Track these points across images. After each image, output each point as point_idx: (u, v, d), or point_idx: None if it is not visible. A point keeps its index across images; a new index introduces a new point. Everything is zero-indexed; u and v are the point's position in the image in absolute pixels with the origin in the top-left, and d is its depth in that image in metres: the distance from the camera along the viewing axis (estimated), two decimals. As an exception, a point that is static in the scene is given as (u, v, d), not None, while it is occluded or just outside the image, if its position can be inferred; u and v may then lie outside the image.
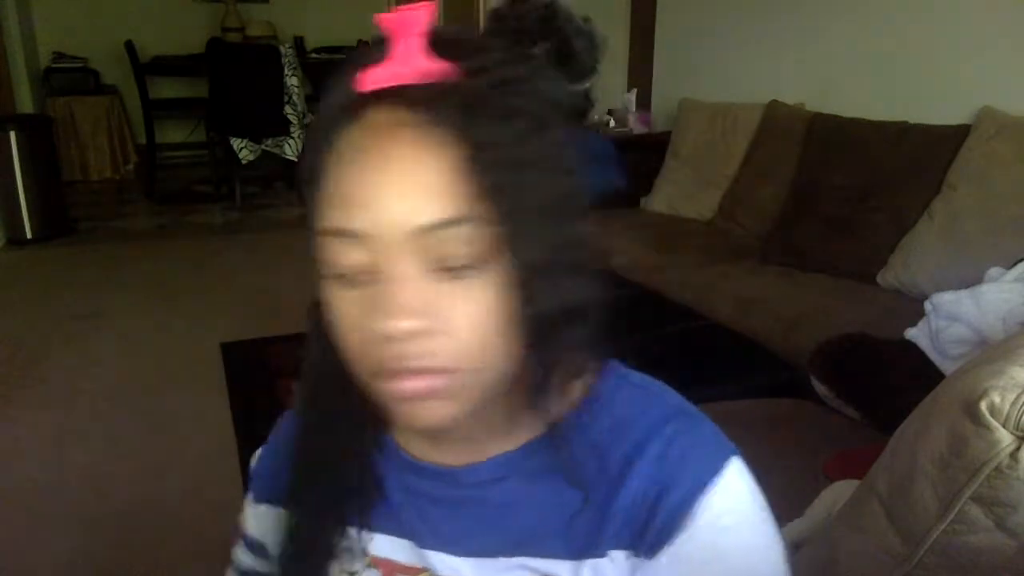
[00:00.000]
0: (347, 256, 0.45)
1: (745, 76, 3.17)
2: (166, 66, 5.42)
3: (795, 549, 0.94)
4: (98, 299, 3.43)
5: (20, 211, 4.12)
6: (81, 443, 2.31)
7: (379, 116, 0.45)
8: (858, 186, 2.43)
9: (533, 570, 0.53)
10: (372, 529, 0.59)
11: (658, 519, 0.50)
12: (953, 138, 2.26)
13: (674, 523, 0.49)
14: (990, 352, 0.76)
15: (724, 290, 2.33)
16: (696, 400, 0.56)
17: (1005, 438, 0.64)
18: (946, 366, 1.48)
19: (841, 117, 2.64)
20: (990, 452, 0.64)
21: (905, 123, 2.42)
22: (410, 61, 0.45)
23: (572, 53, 0.50)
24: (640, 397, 0.55)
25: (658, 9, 3.69)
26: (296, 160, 4.95)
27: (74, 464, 2.20)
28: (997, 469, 0.64)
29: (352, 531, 0.59)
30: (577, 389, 0.55)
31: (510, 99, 0.45)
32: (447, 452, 0.56)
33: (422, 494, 0.58)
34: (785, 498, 0.68)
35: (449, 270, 0.44)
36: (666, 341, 1.95)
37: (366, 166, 0.44)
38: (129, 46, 4.83)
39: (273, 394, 2.63)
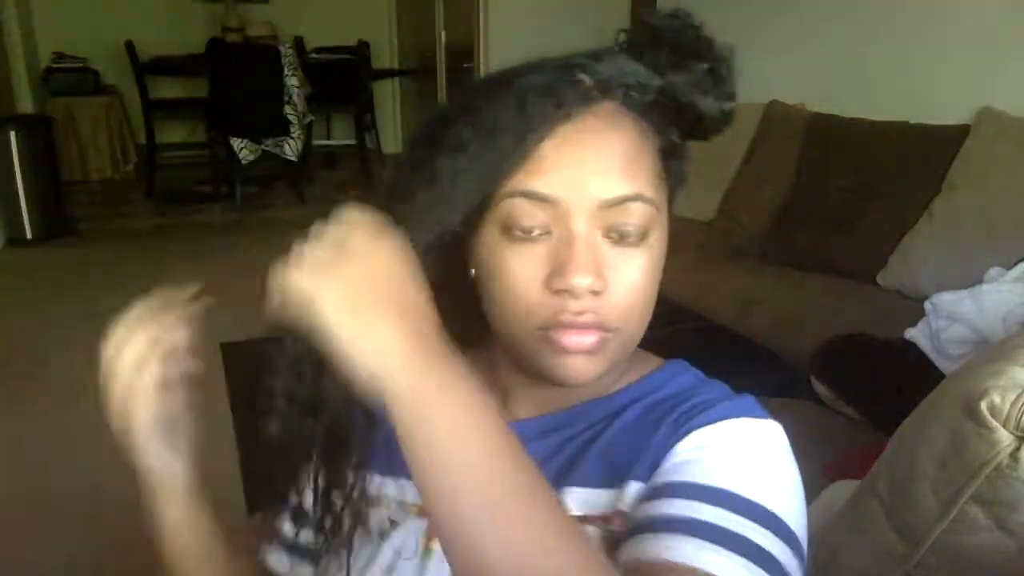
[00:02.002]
0: (533, 216, 0.52)
1: (745, 76, 3.16)
2: (166, 66, 5.41)
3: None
4: (98, 299, 3.42)
5: (20, 211, 4.12)
6: (81, 443, 2.31)
7: (602, 107, 0.53)
8: (858, 186, 2.43)
9: (580, 501, 0.55)
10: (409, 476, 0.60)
11: (671, 452, 0.53)
12: (953, 138, 2.25)
13: (681, 437, 0.53)
14: (990, 352, 0.76)
15: (724, 290, 2.33)
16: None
17: (1005, 438, 0.64)
18: (946, 366, 1.48)
19: (841, 117, 2.64)
20: (990, 452, 0.64)
21: (905, 123, 2.42)
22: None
23: (724, 77, 0.55)
24: (700, 381, 0.61)
25: (657, 8, 3.69)
26: (296, 160, 4.97)
27: (74, 464, 2.20)
28: (997, 469, 0.64)
29: (373, 476, 0.61)
30: (646, 366, 0.62)
31: (696, 108, 0.55)
32: (518, 405, 0.61)
33: None
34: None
35: (620, 239, 0.52)
36: (666, 341, 1.95)
37: (576, 145, 0.52)
38: (129, 46, 4.83)
39: (273, 394, 2.63)
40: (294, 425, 0.59)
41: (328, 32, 6.11)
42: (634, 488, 0.54)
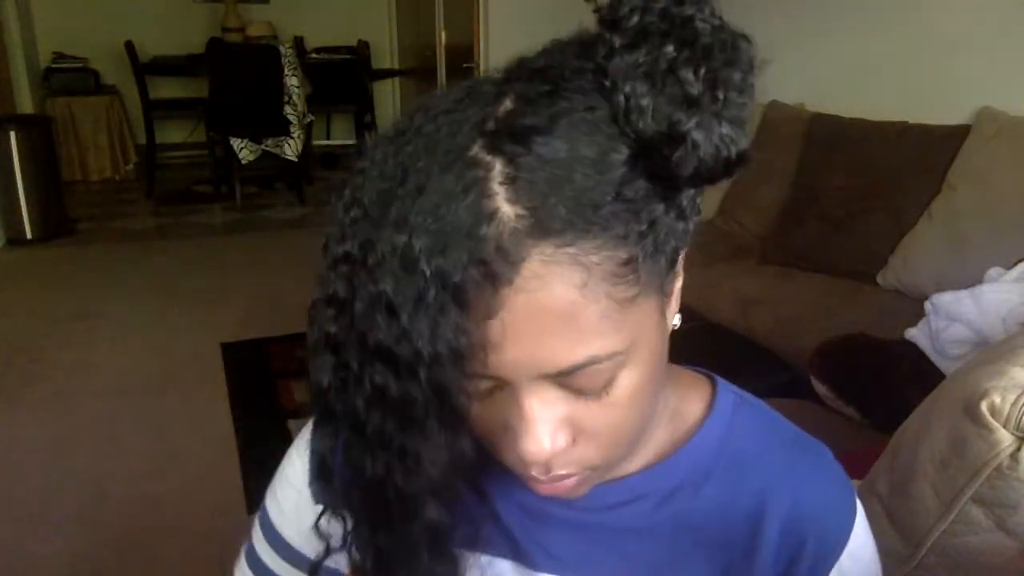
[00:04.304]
0: (476, 384, 0.41)
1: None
2: (166, 66, 5.41)
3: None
4: (98, 299, 3.43)
5: (20, 211, 4.12)
6: (81, 443, 2.31)
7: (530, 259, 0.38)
8: (858, 186, 2.43)
9: None
10: (475, 549, 0.54)
11: (803, 567, 0.50)
12: (953, 138, 2.25)
13: (820, 570, 0.50)
14: (990, 352, 0.76)
15: (724, 290, 2.33)
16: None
17: (1005, 439, 0.64)
18: (946, 366, 1.48)
19: (841, 117, 2.64)
20: (990, 453, 0.64)
21: (905, 123, 2.41)
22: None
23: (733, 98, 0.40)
24: (759, 423, 0.54)
25: None
26: (296, 160, 4.97)
27: (74, 464, 2.20)
28: (997, 470, 0.64)
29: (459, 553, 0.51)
30: (696, 404, 0.54)
31: (684, 164, 0.39)
32: None
33: (535, 513, 0.53)
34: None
35: (588, 393, 0.41)
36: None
37: (500, 321, 0.38)
38: (129, 46, 4.82)
39: (273, 394, 2.63)
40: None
41: (328, 32, 6.11)
42: None
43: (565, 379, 0.40)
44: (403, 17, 6.40)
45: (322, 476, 0.48)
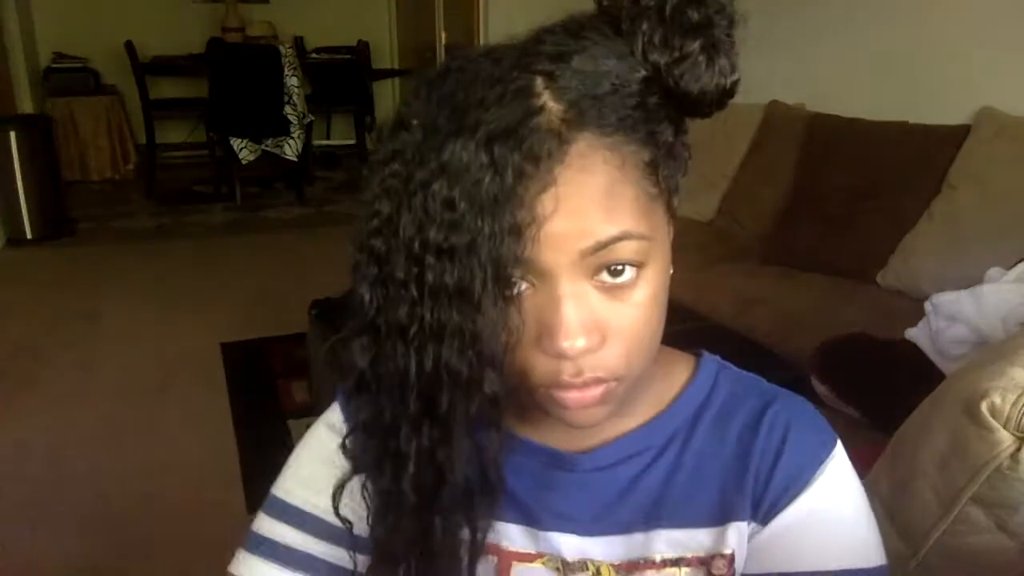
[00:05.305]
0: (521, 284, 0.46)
1: (745, 76, 3.16)
2: (166, 66, 5.41)
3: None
4: (98, 299, 3.43)
5: (20, 211, 4.12)
6: (81, 443, 2.31)
7: (573, 147, 0.45)
8: (858, 186, 2.43)
9: (673, 541, 0.54)
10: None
11: (771, 493, 0.53)
12: (953, 138, 2.25)
13: (784, 499, 0.52)
14: (990, 352, 0.76)
15: (724, 290, 2.33)
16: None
17: (1006, 439, 0.64)
18: (946, 366, 1.48)
19: (841, 117, 2.64)
20: (991, 453, 0.64)
21: (905, 123, 2.41)
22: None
23: (723, 47, 0.48)
24: (742, 379, 0.59)
25: None
26: (296, 160, 4.97)
27: (74, 464, 2.20)
28: (998, 470, 0.64)
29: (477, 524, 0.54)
30: (682, 369, 0.60)
31: (689, 94, 0.48)
32: (569, 436, 0.56)
33: (539, 476, 0.57)
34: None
35: (611, 283, 0.46)
36: (666, 341, 1.95)
37: (548, 198, 0.44)
38: (129, 46, 4.83)
39: (273, 394, 2.63)
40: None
41: (328, 32, 6.11)
42: (738, 529, 0.53)
43: (600, 258, 0.45)
44: (403, 17, 6.40)
45: (361, 388, 0.51)
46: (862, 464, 0.89)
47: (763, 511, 0.53)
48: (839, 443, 0.55)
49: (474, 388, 0.46)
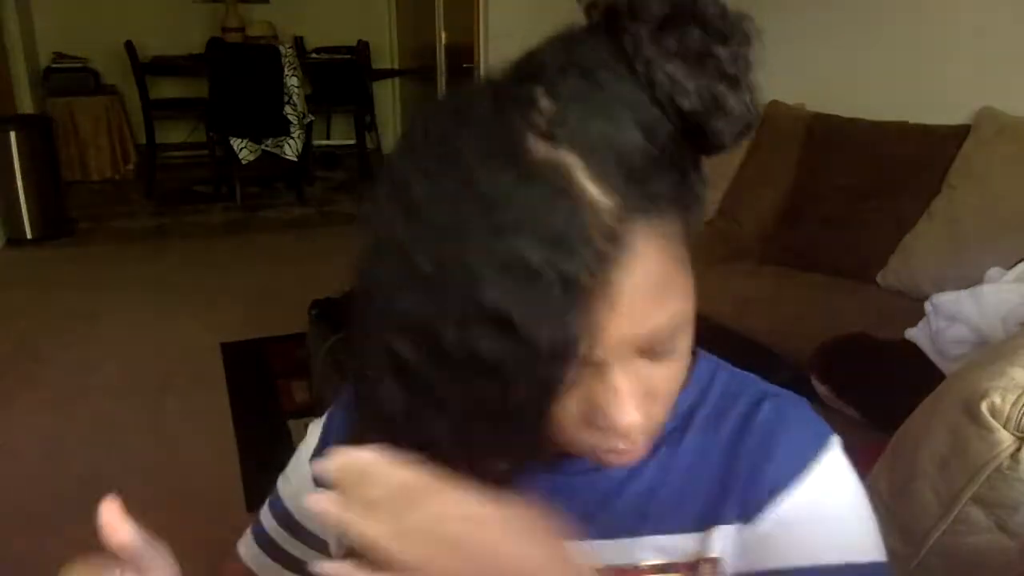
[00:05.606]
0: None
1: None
2: (166, 66, 5.41)
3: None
4: (98, 299, 3.43)
5: (20, 211, 4.12)
6: (81, 443, 2.31)
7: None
8: (858, 186, 2.43)
9: (659, 548, 0.53)
10: None
11: (760, 492, 0.51)
12: (953, 138, 2.25)
13: (774, 496, 0.51)
14: (990, 352, 0.76)
15: (724, 290, 2.33)
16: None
17: (1006, 439, 0.64)
18: (946, 366, 1.48)
19: (841, 117, 2.64)
20: (991, 453, 0.64)
21: (905, 123, 2.41)
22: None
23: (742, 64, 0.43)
24: (737, 378, 0.58)
25: None
26: (296, 160, 4.97)
27: (74, 464, 2.20)
28: (998, 470, 0.64)
29: None
30: None
31: (706, 127, 0.42)
32: None
33: (523, 478, 0.55)
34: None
35: (659, 353, 0.44)
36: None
37: (597, 301, 0.39)
38: (129, 46, 4.82)
39: (273, 394, 2.63)
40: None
41: (328, 32, 6.11)
42: (722, 533, 0.52)
43: (656, 346, 0.43)
44: (403, 17, 6.40)
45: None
46: (862, 464, 0.89)
47: (752, 509, 0.51)
48: (836, 441, 0.54)
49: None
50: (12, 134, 3.99)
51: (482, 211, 0.37)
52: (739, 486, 0.52)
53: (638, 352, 0.43)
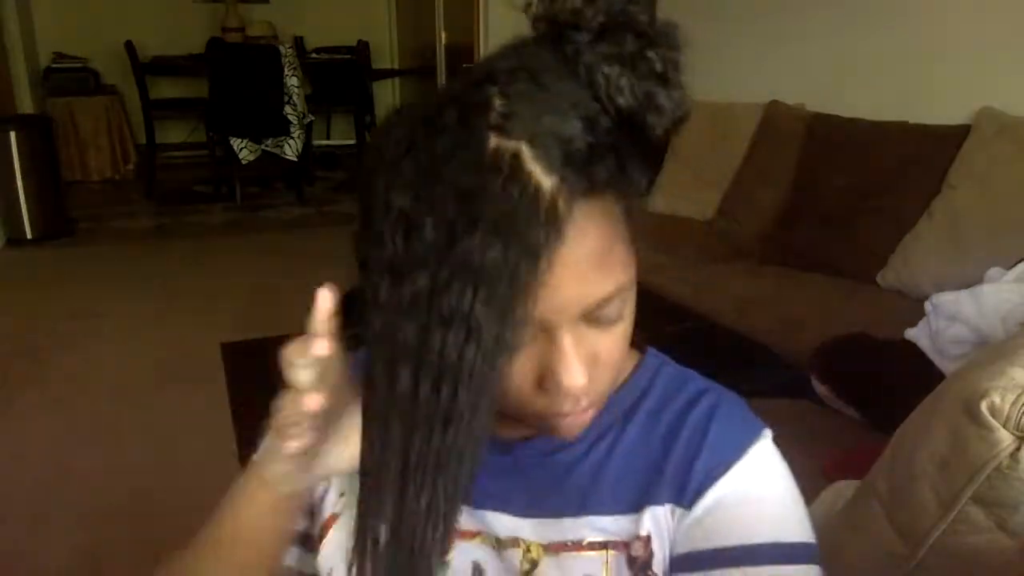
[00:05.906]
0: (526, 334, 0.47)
1: (745, 76, 3.17)
2: (166, 66, 5.41)
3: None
4: (98, 299, 3.43)
5: (20, 211, 4.12)
6: (81, 443, 2.31)
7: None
8: (858, 186, 2.43)
9: (599, 529, 0.57)
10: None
11: (695, 478, 0.56)
12: (953, 138, 2.25)
13: (708, 482, 0.55)
14: (990, 352, 0.76)
15: (724, 290, 2.33)
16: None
17: (1005, 438, 0.64)
18: (946, 366, 1.48)
19: (841, 117, 2.64)
20: (990, 453, 0.64)
21: (905, 123, 2.41)
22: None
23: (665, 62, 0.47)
24: (680, 375, 0.63)
25: (657, 9, 3.69)
26: (296, 160, 4.98)
27: (74, 464, 2.20)
28: (997, 470, 0.64)
29: None
30: (626, 365, 0.62)
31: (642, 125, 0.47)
32: (504, 425, 0.58)
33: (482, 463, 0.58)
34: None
35: (603, 322, 0.49)
36: (666, 341, 1.95)
37: (544, 272, 0.43)
38: (129, 46, 4.83)
39: (273, 394, 2.63)
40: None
41: (328, 32, 6.12)
42: (652, 513, 0.56)
43: (598, 312, 0.48)
44: (403, 17, 6.40)
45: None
46: (862, 464, 0.89)
47: (689, 495, 0.55)
48: (767, 434, 0.58)
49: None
50: (12, 134, 4.00)
51: (458, 201, 0.42)
52: (673, 471, 0.56)
53: (584, 319, 0.48)
